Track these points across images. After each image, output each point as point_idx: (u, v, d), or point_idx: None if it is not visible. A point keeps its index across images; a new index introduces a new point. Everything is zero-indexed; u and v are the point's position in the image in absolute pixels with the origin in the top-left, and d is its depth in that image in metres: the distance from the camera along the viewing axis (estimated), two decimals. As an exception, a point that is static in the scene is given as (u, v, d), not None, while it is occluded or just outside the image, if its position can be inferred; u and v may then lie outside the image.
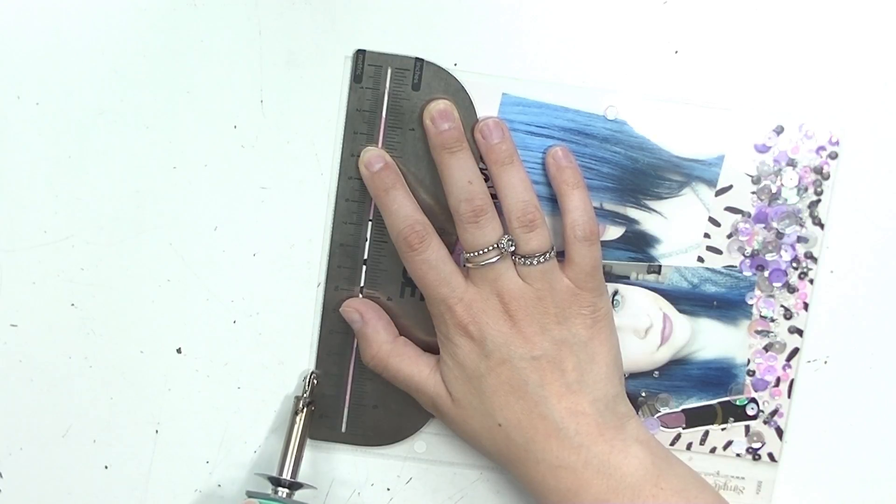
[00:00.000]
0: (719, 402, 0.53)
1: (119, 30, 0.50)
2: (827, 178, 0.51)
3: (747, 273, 0.52)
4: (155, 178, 0.51)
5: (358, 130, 0.50)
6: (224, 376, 0.53)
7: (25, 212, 0.51)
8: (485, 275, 0.48)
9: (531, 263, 0.48)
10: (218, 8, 0.50)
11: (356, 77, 0.50)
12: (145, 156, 0.51)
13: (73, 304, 0.52)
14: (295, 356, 0.53)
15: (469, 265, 0.48)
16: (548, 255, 0.48)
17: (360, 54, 0.49)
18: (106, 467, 0.53)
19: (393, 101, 0.50)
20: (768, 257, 0.52)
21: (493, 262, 0.48)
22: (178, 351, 0.52)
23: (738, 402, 0.53)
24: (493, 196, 0.49)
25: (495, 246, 0.48)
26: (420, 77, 0.49)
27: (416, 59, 0.49)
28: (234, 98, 0.50)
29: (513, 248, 0.48)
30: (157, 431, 0.53)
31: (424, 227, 0.48)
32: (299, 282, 0.52)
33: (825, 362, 0.53)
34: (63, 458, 0.53)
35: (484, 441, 0.49)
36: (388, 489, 0.54)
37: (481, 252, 0.48)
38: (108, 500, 0.53)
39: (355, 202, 0.51)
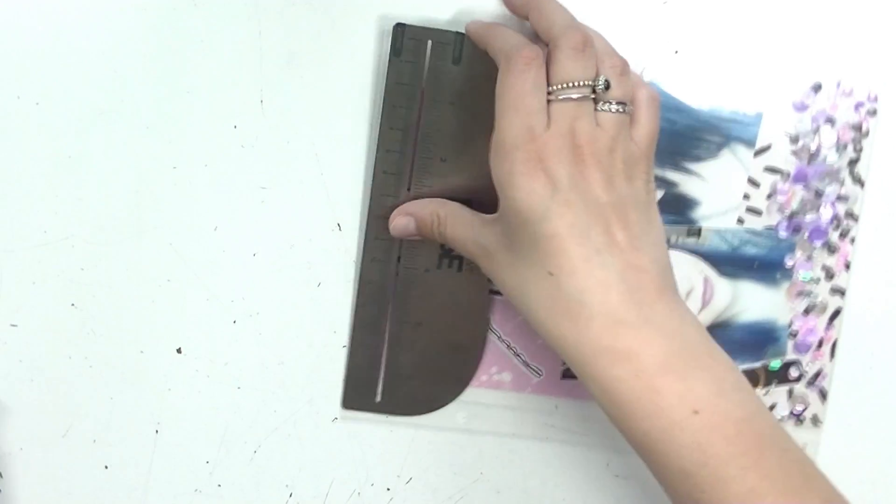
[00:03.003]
0: (762, 366, 0.53)
1: (119, 30, 0.50)
2: (866, 135, 0.51)
3: (787, 234, 0.52)
4: (155, 178, 0.51)
5: (397, 104, 0.50)
6: (224, 376, 0.53)
7: (25, 212, 0.51)
8: (566, 111, 0.44)
9: (613, 110, 0.45)
10: (218, 8, 0.50)
11: (395, 50, 0.49)
12: (145, 156, 0.51)
13: (73, 304, 0.52)
14: (295, 356, 0.53)
15: (551, 98, 0.45)
16: (627, 106, 0.45)
17: (399, 28, 0.49)
18: (106, 467, 0.53)
19: (433, 74, 0.50)
20: (808, 217, 0.52)
21: (578, 99, 0.44)
22: (178, 351, 0.52)
23: (771, 367, 0.52)
24: None
25: (589, 83, 0.45)
26: (461, 51, 0.49)
27: (457, 32, 0.49)
28: (234, 98, 0.50)
29: (602, 88, 0.45)
30: (157, 431, 0.53)
31: (538, 53, 0.45)
32: (299, 282, 0.52)
33: (868, 322, 0.53)
34: (63, 458, 0.53)
35: (531, 293, 0.44)
36: (388, 489, 0.54)
37: (573, 85, 0.44)
38: (108, 500, 0.53)
39: (393, 175, 0.50)
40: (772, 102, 0.51)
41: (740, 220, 0.52)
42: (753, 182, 0.51)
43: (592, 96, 0.45)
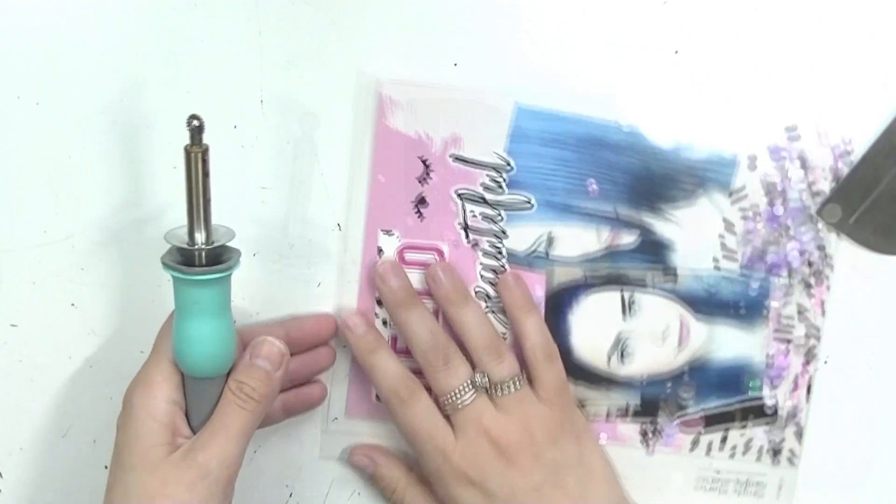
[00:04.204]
0: (738, 405, 0.53)
1: (119, 30, 0.50)
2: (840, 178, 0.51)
3: (762, 275, 0.52)
4: (155, 178, 0.51)
5: None
6: (224, 376, 0.52)
7: (25, 212, 0.51)
8: (467, 416, 0.48)
9: (507, 391, 0.49)
10: (218, 8, 0.50)
11: None
12: (145, 156, 0.51)
13: (73, 304, 0.52)
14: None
15: (449, 410, 0.49)
16: (519, 379, 0.49)
17: None
18: (106, 467, 0.53)
19: None
20: (783, 258, 0.52)
21: (471, 401, 0.48)
22: (178, 351, 0.52)
23: (747, 406, 0.52)
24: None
25: (470, 382, 0.49)
26: None
27: None
28: (234, 98, 0.50)
29: (486, 381, 0.49)
30: (157, 431, 0.53)
31: (414, 382, 0.49)
32: (299, 282, 0.52)
33: (844, 361, 0.53)
34: (63, 458, 0.53)
35: None
36: (388, 489, 0.54)
37: (458, 392, 0.48)
38: (108, 500, 0.53)
39: None
40: (747, 145, 0.51)
41: (715, 260, 0.52)
42: (728, 224, 0.51)
43: (485, 381, 0.49)
